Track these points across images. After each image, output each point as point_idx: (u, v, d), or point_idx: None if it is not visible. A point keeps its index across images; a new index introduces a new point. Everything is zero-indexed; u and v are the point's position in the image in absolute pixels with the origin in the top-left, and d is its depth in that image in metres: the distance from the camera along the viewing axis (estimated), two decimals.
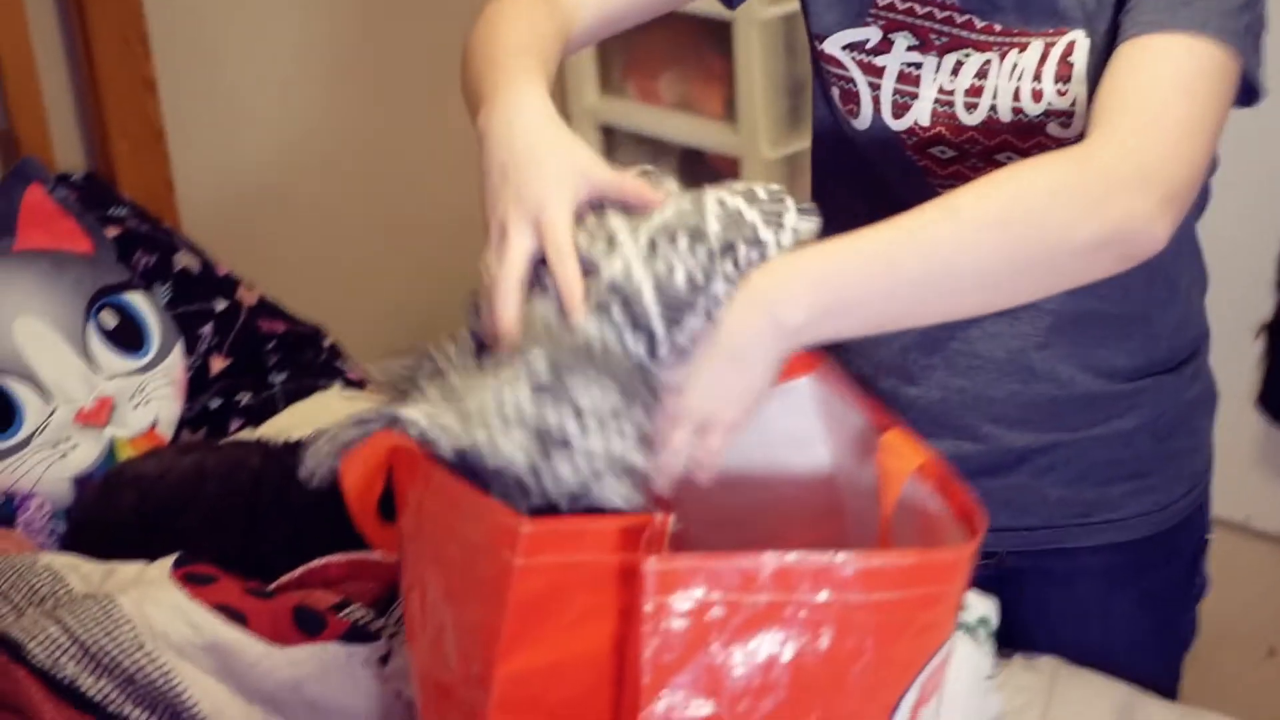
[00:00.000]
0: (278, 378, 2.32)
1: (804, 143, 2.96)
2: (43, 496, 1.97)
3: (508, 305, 1.11)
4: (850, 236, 1.11)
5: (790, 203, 1.13)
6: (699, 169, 3.19)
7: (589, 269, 1.10)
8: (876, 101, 1.41)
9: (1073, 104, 1.33)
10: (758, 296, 1.08)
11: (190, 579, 1.48)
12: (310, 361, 2.38)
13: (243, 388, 2.29)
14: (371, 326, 2.87)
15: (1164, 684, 1.57)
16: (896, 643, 1.06)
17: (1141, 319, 1.44)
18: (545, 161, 1.14)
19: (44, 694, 1.39)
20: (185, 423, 2.20)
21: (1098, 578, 1.53)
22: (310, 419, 2.23)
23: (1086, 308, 1.40)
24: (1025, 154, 1.35)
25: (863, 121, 1.43)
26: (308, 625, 1.45)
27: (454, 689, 1.12)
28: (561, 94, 3.34)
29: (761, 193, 1.14)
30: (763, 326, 1.08)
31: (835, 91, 1.44)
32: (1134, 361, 1.46)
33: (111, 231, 2.27)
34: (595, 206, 1.15)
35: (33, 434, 1.99)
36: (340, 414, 2.21)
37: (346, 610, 1.53)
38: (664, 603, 1.00)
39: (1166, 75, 1.19)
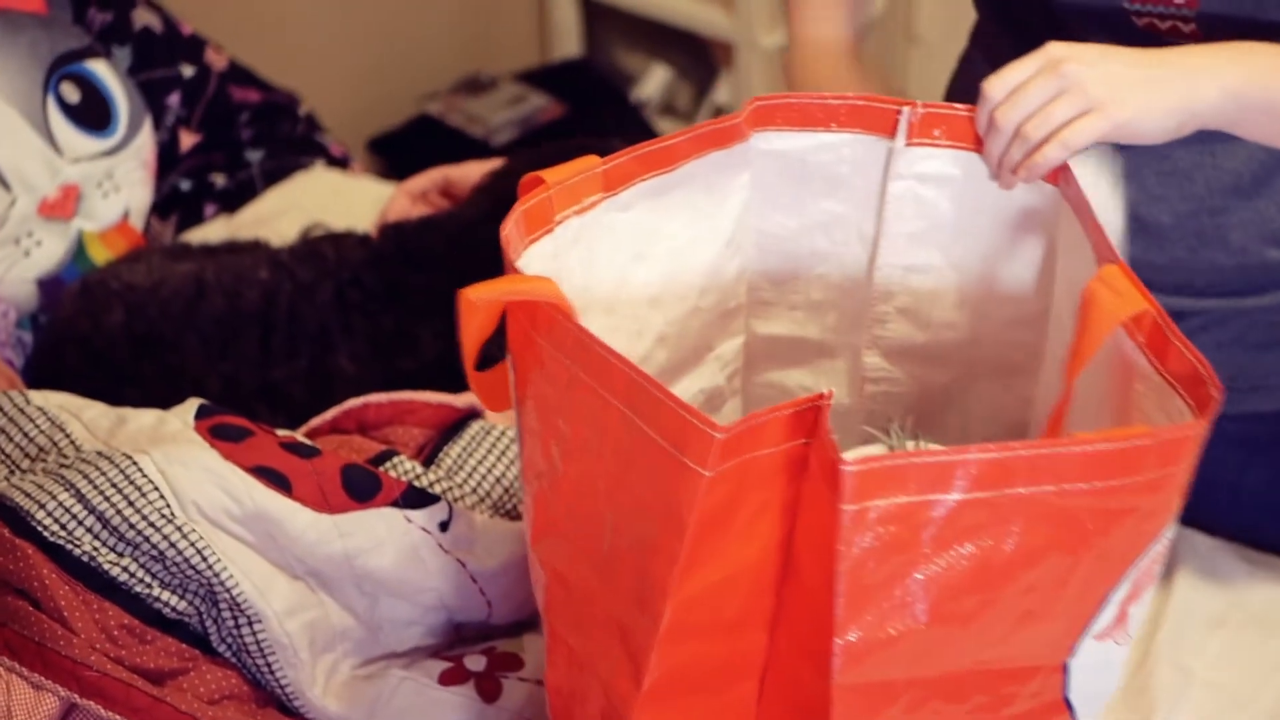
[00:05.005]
0: (254, 155, 2.07)
1: None
2: (5, 303, 1.73)
3: None
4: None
5: None
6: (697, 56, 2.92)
7: None
8: None
9: None
10: (1211, 52, 1.09)
11: (219, 433, 1.27)
12: (288, 135, 2.12)
13: (216, 167, 2.04)
14: (346, 95, 2.62)
15: None
16: (1114, 533, 0.93)
17: None
18: None
19: (56, 574, 1.18)
20: (153, 208, 1.95)
21: (1234, 446, 1.38)
22: (294, 202, 2.01)
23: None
24: None
25: None
26: (359, 488, 1.25)
27: (597, 597, 0.99)
28: None
29: None
30: (1196, 75, 1.08)
31: None
32: None
33: None
34: None
35: None
36: (329, 197, 2.02)
37: (392, 462, 1.34)
38: (864, 508, 0.87)
39: None
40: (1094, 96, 1.07)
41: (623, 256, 1.15)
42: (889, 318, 1.27)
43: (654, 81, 3.02)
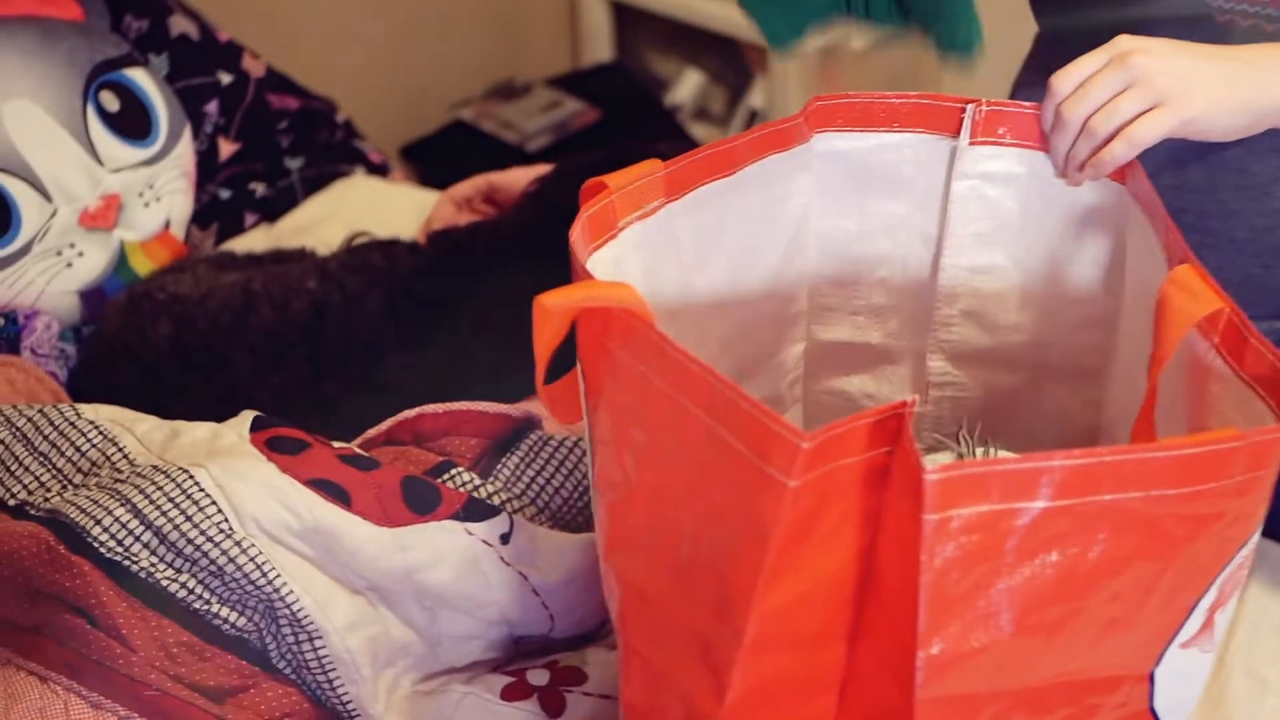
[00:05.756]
0: (294, 163, 2.04)
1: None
2: (49, 314, 1.71)
3: None
4: None
5: None
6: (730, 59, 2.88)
7: None
8: None
9: None
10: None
11: (276, 446, 1.24)
12: (326, 142, 2.10)
13: (255, 176, 2.02)
14: (378, 102, 2.60)
15: None
16: (1201, 538, 0.90)
17: None
18: None
19: (114, 590, 1.16)
20: (193, 217, 1.93)
21: None
22: (335, 211, 1.98)
23: None
24: None
25: None
26: (419, 501, 1.23)
27: (675, 609, 0.96)
28: None
29: None
30: (1268, 72, 1.07)
31: None
32: None
33: None
34: None
35: (32, 240, 1.71)
36: (369, 205, 1.99)
37: (450, 474, 1.31)
38: (946, 517, 0.84)
39: None
40: (1162, 90, 1.05)
41: (685, 262, 1.12)
42: (954, 321, 1.25)
43: (687, 86, 2.99)
